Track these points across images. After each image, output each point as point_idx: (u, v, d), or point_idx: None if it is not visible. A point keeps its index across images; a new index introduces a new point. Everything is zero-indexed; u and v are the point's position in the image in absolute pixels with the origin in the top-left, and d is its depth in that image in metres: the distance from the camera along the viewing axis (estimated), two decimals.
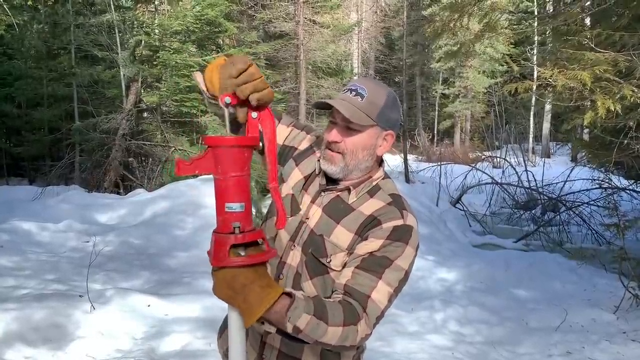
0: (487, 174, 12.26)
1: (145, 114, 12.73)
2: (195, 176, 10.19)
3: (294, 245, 1.45)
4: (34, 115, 13.50)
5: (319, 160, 1.49)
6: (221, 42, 14.84)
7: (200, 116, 12.20)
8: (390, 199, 1.44)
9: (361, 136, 1.40)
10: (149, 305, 4.23)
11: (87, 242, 6.21)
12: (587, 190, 9.41)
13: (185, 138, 12.70)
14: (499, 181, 11.68)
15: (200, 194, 7.86)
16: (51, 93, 13.43)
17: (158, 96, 11.67)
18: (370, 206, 1.42)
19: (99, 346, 3.70)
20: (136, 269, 5.51)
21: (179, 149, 11.39)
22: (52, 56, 13.46)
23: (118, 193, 10.49)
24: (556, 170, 12.94)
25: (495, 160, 17.62)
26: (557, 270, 6.19)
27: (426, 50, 27.54)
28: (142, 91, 11.83)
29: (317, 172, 1.51)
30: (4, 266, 5.19)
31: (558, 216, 9.29)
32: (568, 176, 10.73)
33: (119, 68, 11.71)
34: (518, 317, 4.84)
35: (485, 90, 24.97)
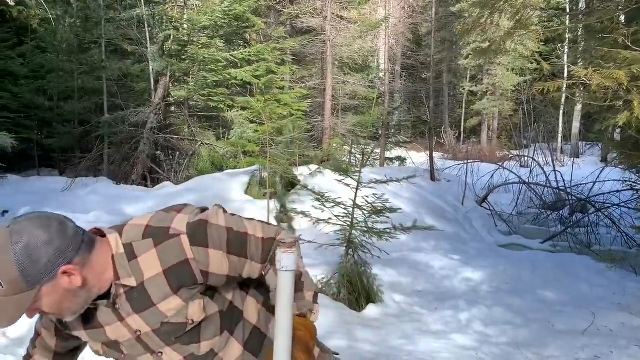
0: (514, 173, 12.10)
1: (173, 108, 12.89)
2: (222, 170, 10.28)
3: (160, 352, 1.33)
4: (65, 108, 13.76)
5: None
6: (248, 38, 14.92)
7: (227, 111, 12.29)
8: (149, 239, 1.26)
9: (46, 301, 1.16)
10: None
11: None
12: (618, 191, 9.22)
13: (211, 132, 12.82)
14: (527, 181, 11.51)
15: (226, 188, 7.94)
16: (81, 86, 13.67)
17: (186, 90, 11.80)
18: (150, 264, 1.25)
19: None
20: None
21: (206, 143, 11.51)
22: (83, 50, 13.70)
23: (145, 186, 10.65)
24: (585, 170, 12.69)
25: (522, 159, 17.37)
26: (585, 273, 6.08)
27: (454, 46, 27.25)
28: (171, 85, 11.98)
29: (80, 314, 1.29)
30: None
31: (587, 217, 9.12)
32: (598, 177, 10.53)
33: (148, 62, 11.88)
34: (544, 319, 4.77)
35: (514, 88, 24.58)
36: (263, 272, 1.34)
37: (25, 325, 3.60)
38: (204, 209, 1.35)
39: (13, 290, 1.11)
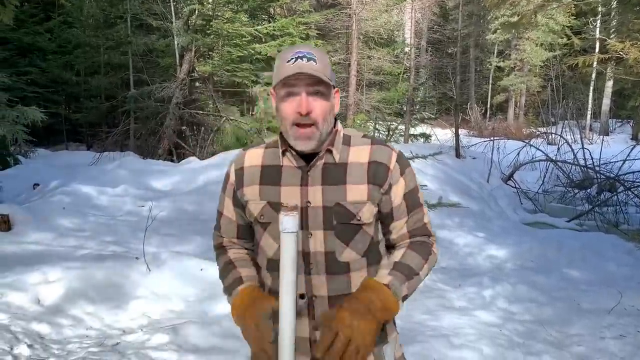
0: (541, 150, 11.92)
1: (197, 84, 12.92)
2: (246, 145, 10.33)
3: (310, 233, 1.41)
4: (92, 83, 13.92)
5: (285, 151, 1.44)
6: (273, 12, 14.81)
7: (252, 87, 12.28)
8: (367, 139, 1.49)
9: (327, 100, 1.39)
10: (201, 269, 4.36)
11: (142, 206, 6.43)
12: None
13: (236, 108, 12.84)
14: (554, 158, 11.33)
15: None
16: (107, 61, 13.79)
17: (211, 65, 11.80)
18: (360, 154, 1.45)
19: (154, 306, 3.86)
20: (189, 234, 5.68)
21: (230, 119, 11.55)
22: (109, 25, 13.78)
23: (171, 160, 10.76)
24: (615, 148, 12.42)
25: (550, 136, 17.08)
26: (612, 252, 5.99)
27: (482, 21, 26.67)
28: (195, 60, 11.99)
29: (281, 163, 1.45)
30: (66, 227, 5.45)
31: (615, 196, 8.96)
32: (628, 155, 10.31)
33: (173, 37, 11.88)
34: (569, 297, 4.73)
35: (543, 64, 24.03)
36: (399, 242, 1.50)
37: (58, 293, 3.72)
38: None
39: (323, 71, 1.36)
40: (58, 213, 5.77)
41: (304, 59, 1.35)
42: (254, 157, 1.51)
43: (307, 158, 1.43)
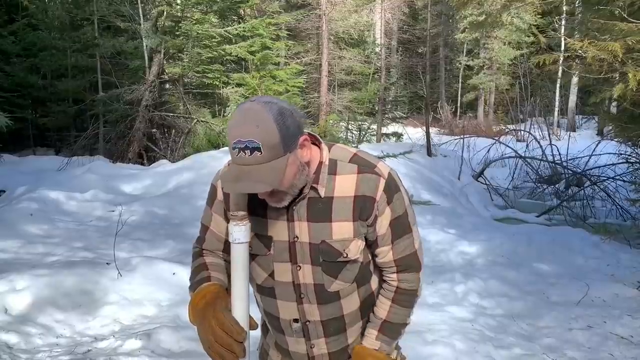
0: (510, 147, 12.12)
1: (167, 85, 12.77)
2: (218, 147, 10.27)
3: (299, 266, 1.40)
4: (59, 86, 13.62)
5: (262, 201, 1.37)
6: (242, 13, 14.74)
7: (222, 88, 12.21)
8: (354, 165, 1.37)
9: (288, 172, 1.24)
10: (174, 274, 4.33)
11: (113, 211, 6.34)
12: (613, 164, 9.26)
13: (207, 110, 12.74)
14: (523, 155, 11.54)
15: (222, 165, 7.93)
16: (75, 64, 13.51)
17: (180, 67, 11.69)
18: (346, 185, 1.36)
19: (126, 312, 3.81)
20: (161, 238, 5.62)
21: (202, 121, 11.45)
22: (75, 27, 13.51)
23: (142, 164, 10.62)
24: (581, 144, 12.72)
25: (519, 133, 17.39)
26: (580, 245, 6.14)
27: (450, 20, 27.02)
28: (165, 62, 11.85)
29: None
30: (34, 234, 5.34)
31: (582, 191, 9.18)
32: (593, 150, 10.56)
33: (142, 39, 11.72)
34: (539, 291, 4.84)
35: (511, 62, 24.46)
36: (386, 267, 1.47)
37: (26, 302, 3.64)
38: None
39: (270, 156, 1.20)
40: (25, 220, 5.64)
41: (246, 151, 1.19)
42: None
43: None
